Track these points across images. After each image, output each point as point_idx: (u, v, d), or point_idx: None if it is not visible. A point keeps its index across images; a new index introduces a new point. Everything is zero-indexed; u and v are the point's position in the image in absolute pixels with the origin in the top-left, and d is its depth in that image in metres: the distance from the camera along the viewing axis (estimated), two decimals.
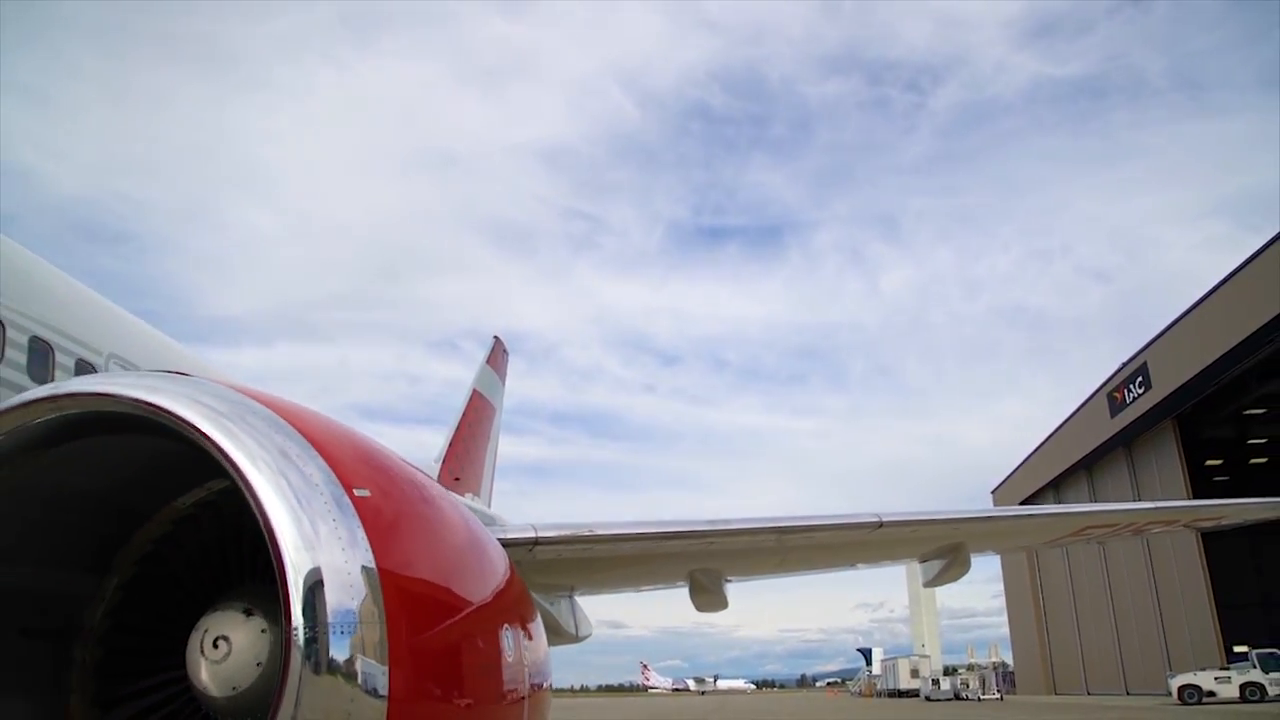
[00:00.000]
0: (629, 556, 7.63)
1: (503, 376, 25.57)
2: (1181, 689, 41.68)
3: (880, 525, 7.80)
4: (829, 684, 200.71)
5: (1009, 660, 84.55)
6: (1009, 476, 77.66)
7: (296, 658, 2.68)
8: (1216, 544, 48.52)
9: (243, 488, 2.83)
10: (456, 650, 3.24)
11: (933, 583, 9.78)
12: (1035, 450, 70.45)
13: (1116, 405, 52.92)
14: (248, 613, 3.29)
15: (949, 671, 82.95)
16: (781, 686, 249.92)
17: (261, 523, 2.77)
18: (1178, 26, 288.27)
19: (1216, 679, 41.43)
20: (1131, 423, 51.62)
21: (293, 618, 2.70)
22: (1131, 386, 50.71)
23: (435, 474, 19.86)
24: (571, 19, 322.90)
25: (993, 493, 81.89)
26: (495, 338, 25.45)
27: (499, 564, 3.77)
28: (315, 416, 3.28)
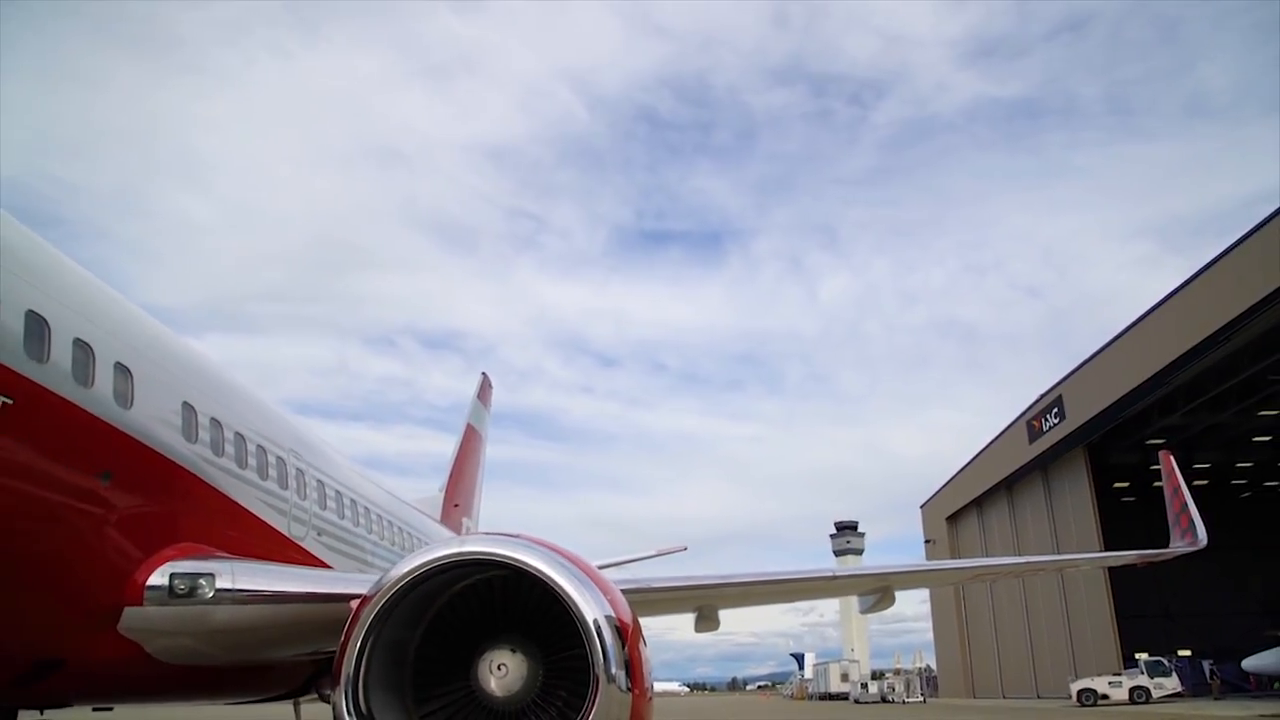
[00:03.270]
0: (662, 599, 10.75)
1: (489, 407, 28.38)
2: (1080, 692, 46.11)
3: (834, 578, 11.24)
4: (760, 687, 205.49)
5: (933, 665, 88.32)
6: (937, 492, 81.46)
7: (600, 674, 5.50)
8: None
9: (555, 590, 5.68)
10: (642, 660, 6.01)
11: (866, 611, 13.06)
12: (961, 469, 74.53)
13: (1034, 432, 57.12)
14: (513, 650, 6.20)
15: (877, 676, 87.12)
16: (713, 689, 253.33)
17: (567, 603, 5.62)
18: (1111, 53, 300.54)
19: (1110, 683, 45.91)
20: (1047, 449, 55.58)
21: (594, 649, 5.51)
22: (1048, 416, 54.90)
23: (439, 503, 22.67)
24: (524, 19, 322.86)
25: (921, 507, 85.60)
26: (483, 374, 28.26)
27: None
28: (572, 552, 6.19)
